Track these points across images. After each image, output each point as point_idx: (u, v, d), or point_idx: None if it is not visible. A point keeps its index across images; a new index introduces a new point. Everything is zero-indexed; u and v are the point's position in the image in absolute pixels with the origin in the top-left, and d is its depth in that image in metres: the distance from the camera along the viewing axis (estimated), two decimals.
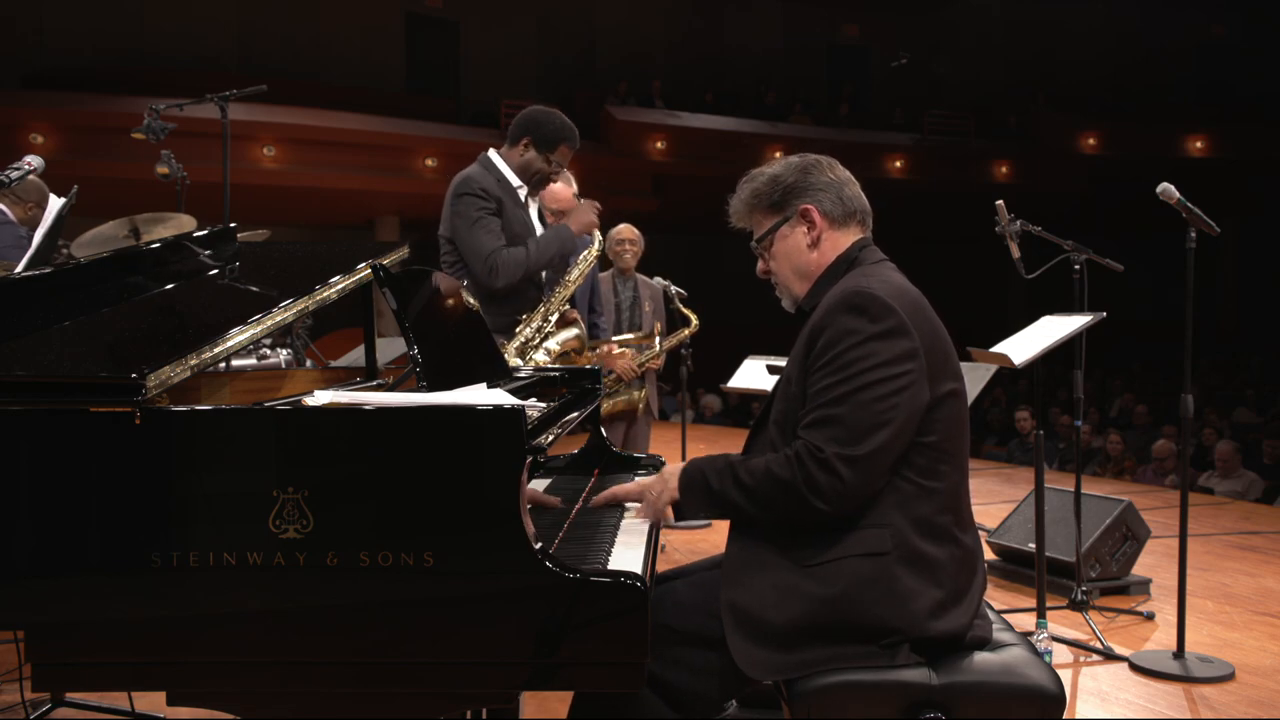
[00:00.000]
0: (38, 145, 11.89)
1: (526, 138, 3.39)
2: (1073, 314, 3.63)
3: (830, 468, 1.74)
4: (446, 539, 1.54)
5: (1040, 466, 3.65)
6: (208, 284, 2.27)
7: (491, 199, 3.31)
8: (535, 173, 3.41)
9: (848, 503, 1.76)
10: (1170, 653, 3.44)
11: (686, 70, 18.77)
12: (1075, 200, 17.75)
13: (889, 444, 1.76)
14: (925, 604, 1.76)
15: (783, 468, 1.78)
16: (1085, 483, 4.29)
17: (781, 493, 1.78)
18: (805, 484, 1.75)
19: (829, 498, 1.74)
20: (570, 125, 3.44)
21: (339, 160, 13.95)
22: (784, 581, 1.78)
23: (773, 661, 1.76)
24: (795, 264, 2.00)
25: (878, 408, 1.75)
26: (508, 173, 3.42)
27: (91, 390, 1.61)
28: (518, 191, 3.42)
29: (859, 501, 1.77)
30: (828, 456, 1.74)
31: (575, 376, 2.75)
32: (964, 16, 20.63)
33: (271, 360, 3.81)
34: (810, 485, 1.75)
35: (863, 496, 1.77)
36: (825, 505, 1.75)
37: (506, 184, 3.40)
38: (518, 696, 1.80)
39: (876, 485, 1.78)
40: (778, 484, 1.78)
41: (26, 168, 3.08)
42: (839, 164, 2.06)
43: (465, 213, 3.29)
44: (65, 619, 1.58)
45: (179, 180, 4.57)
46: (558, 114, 3.46)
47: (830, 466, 1.74)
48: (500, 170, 3.42)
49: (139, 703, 2.78)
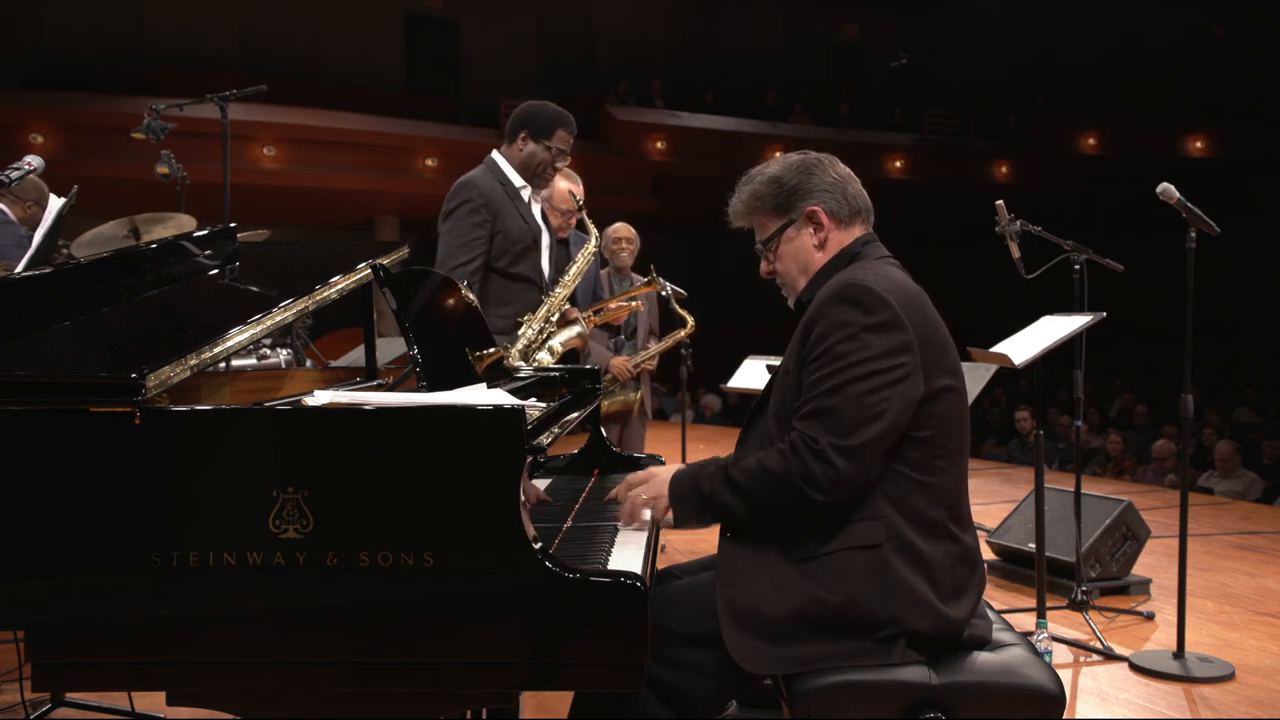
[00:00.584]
0: (38, 145, 11.90)
1: (523, 131, 3.41)
2: (1073, 314, 3.63)
3: (825, 458, 1.75)
4: (446, 539, 1.54)
5: (1040, 466, 3.65)
6: (208, 284, 2.27)
7: (485, 207, 3.32)
8: (538, 164, 3.42)
9: (843, 493, 1.77)
10: (1170, 653, 3.44)
11: (686, 70, 18.77)
12: (1075, 200, 17.74)
13: (882, 435, 1.76)
14: (919, 597, 1.76)
15: (776, 462, 1.79)
16: (1085, 483, 4.29)
17: (777, 487, 1.78)
18: (801, 476, 1.76)
19: (825, 488, 1.75)
20: (564, 111, 3.46)
21: (339, 160, 13.95)
22: (779, 576, 1.79)
23: (769, 655, 1.76)
24: (802, 265, 2.01)
25: (870, 400, 1.76)
26: (510, 173, 3.43)
27: (91, 390, 1.61)
28: (520, 192, 3.43)
29: (854, 492, 1.78)
30: (823, 447, 1.75)
31: (575, 377, 2.75)
32: (964, 16, 20.63)
33: (271, 360, 3.80)
34: (806, 477, 1.75)
35: (858, 487, 1.78)
36: (822, 496, 1.75)
37: (510, 185, 3.41)
38: (518, 696, 1.81)
39: (871, 475, 1.79)
40: (772, 479, 1.79)
41: (26, 168, 3.08)
42: (839, 161, 2.05)
43: (452, 221, 3.33)
44: (65, 619, 1.58)
45: (179, 180, 4.57)
46: (550, 104, 3.48)
47: (825, 457, 1.75)
48: (504, 171, 3.43)
49: (139, 703, 2.78)
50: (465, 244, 3.30)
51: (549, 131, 3.39)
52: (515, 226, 3.37)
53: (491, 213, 3.34)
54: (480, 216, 3.32)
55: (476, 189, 3.34)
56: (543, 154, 3.40)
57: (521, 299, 3.38)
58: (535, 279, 3.46)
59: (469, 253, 3.29)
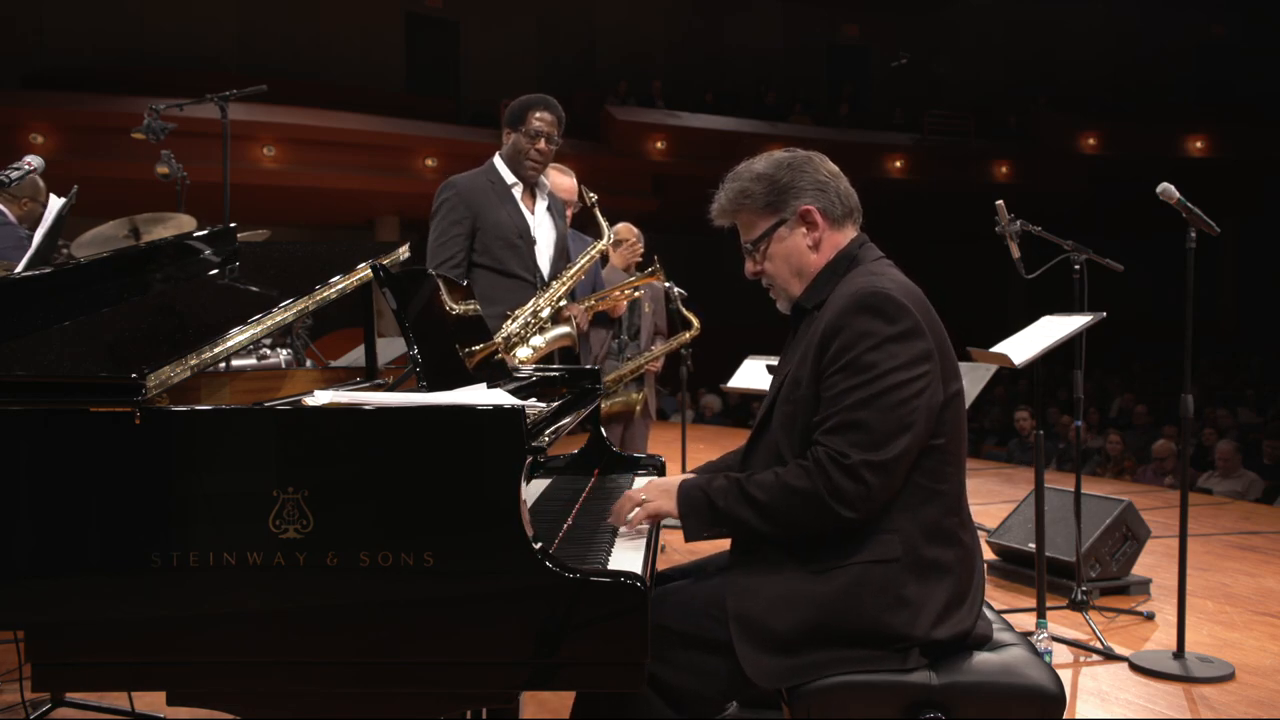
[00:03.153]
0: (38, 145, 11.89)
1: (505, 128, 3.49)
2: (1073, 314, 3.63)
3: (856, 474, 1.70)
4: (446, 539, 1.54)
5: (1040, 466, 3.64)
6: (208, 284, 2.26)
7: (463, 205, 3.38)
8: (522, 154, 3.46)
9: (873, 508, 1.74)
10: (1170, 653, 3.44)
11: (686, 70, 18.76)
12: (1075, 200, 17.74)
13: (910, 447, 1.74)
14: (933, 609, 1.75)
15: (800, 478, 1.74)
16: (1085, 483, 4.29)
17: (801, 503, 1.74)
18: (829, 492, 1.71)
19: (855, 504, 1.71)
20: (540, 96, 3.50)
21: (339, 160, 13.95)
22: (792, 588, 1.76)
23: (782, 668, 1.74)
24: (795, 266, 1.94)
25: (900, 411, 1.72)
26: (504, 171, 3.50)
27: (91, 390, 1.61)
28: (511, 189, 3.48)
29: (880, 507, 1.75)
30: (854, 463, 1.71)
31: (575, 376, 2.75)
32: (964, 16, 20.63)
33: (271, 360, 3.80)
34: (835, 493, 1.71)
35: (884, 501, 1.75)
36: (851, 513, 1.72)
37: (500, 183, 3.47)
38: (518, 696, 1.81)
39: (896, 489, 1.76)
40: (796, 494, 1.74)
41: (26, 168, 3.08)
42: (827, 159, 2.00)
43: (434, 221, 3.43)
44: (65, 619, 1.58)
45: (179, 180, 4.57)
46: (527, 95, 3.53)
47: (856, 473, 1.70)
48: (497, 170, 3.50)
49: (139, 703, 2.78)
50: (444, 243, 3.37)
51: (522, 117, 3.44)
52: (499, 222, 3.40)
53: (470, 210, 3.39)
54: (457, 214, 3.38)
55: (454, 188, 3.42)
56: (523, 141, 3.45)
57: (513, 297, 3.38)
58: (527, 276, 3.45)
59: (447, 251, 3.36)
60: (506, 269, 3.42)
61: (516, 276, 3.43)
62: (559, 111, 3.48)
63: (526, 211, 3.50)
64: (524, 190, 3.51)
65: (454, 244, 3.36)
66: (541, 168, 3.52)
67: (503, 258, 3.41)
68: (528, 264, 3.47)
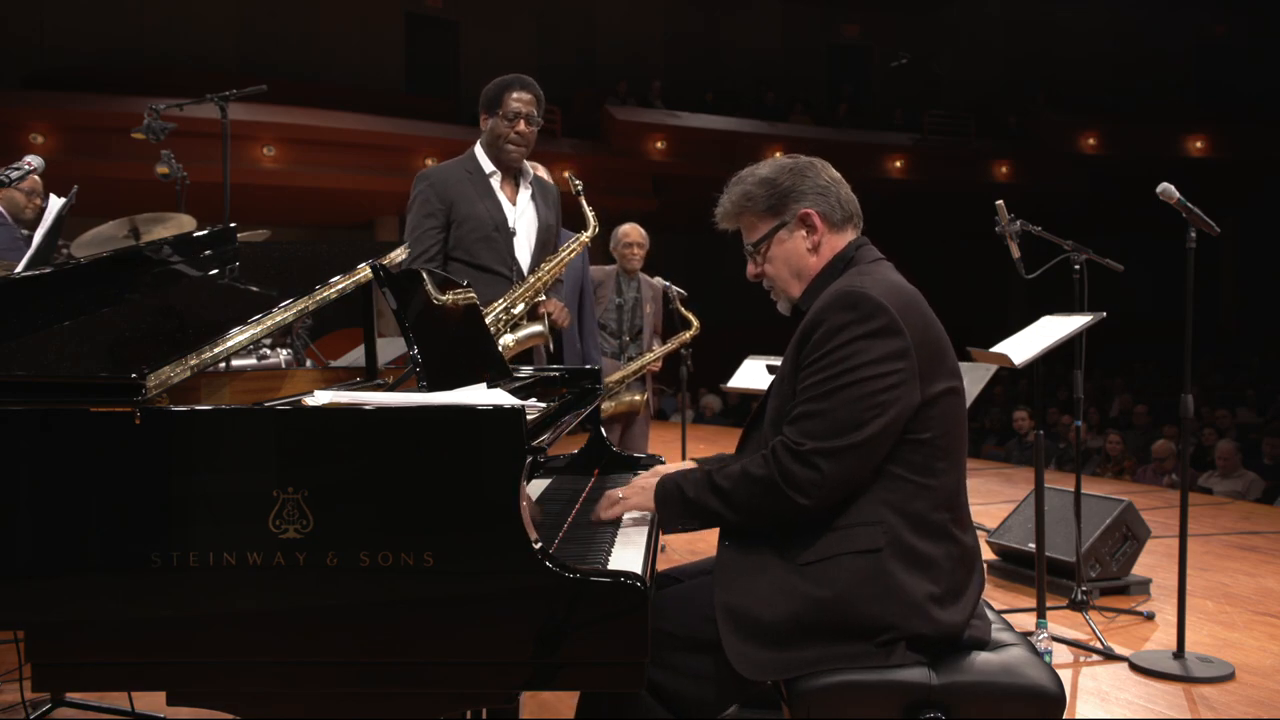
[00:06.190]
0: (38, 145, 11.88)
1: (482, 113, 3.35)
2: (1073, 314, 3.64)
3: (808, 461, 1.75)
4: (446, 539, 1.54)
5: (1040, 466, 3.65)
6: (208, 284, 2.26)
7: (436, 197, 3.27)
8: (501, 138, 3.30)
9: (827, 496, 1.77)
10: (1170, 653, 3.44)
11: (686, 70, 18.77)
12: (1075, 200, 17.75)
13: (871, 440, 1.76)
14: (919, 600, 1.76)
15: (759, 466, 1.80)
16: (1085, 483, 4.29)
17: (761, 491, 1.79)
18: (783, 479, 1.76)
19: (807, 490, 1.75)
20: (516, 75, 3.34)
21: (339, 160, 13.95)
22: (778, 581, 1.78)
23: (769, 661, 1.75)
24: (795, 268, 1.99)
25: (861, 405, 1.75)
26: (483, 160, 3.36)
27: (91, 390, 1.61)
28: (490, 179, 3.34)
29: (839, 495, 1.78)
30: (806, 450, 1.75)
31: (575, 376, 2.74)
32: (964, 16, 20.63)
33: (271, 360, 3.80)
34: (788, 480, 1.76)
35: (843, 489, 1.78)
36: (805, 500, 1.76)
37: (478, 172, 3.34)
38: (518, 696, 1.80)
39: (858, 479, 1.78)
40: (756, 483, 1.80)
41: (26, 168, 3.08)
42: (830, 165, 2.04)
43: (409, 216, 3.33)
44: (65, 619, 1.57)
45: (179, 180, 4.58)
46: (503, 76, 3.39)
47: (808, 460, 1.75)
48: (476, 159, 3.37)
49: (139, 703, 2.78)
50: (417, 237, 3.25)
51: (498, 99, 3.29)
52: (474, 213, 3.27)
53: (444, 201, 3.26)
54: (430, 207, 3.26)
55: (427, 180, 3.30)
56: (501, 125, 3.29)
57: (487, 292, 3.18)
58: (503, 270, 3.30)
59: (421, 245, 3.24)
60: (480, 262, 3.27)
61: (491, 270, 3.28)
62: (537, 90, 3.32)
63: (506, 202, 3.35)
64: (503, 178, 3.36)
65: (428, 238, 3.24)
66: (523, 151, 3.36)
67: (476, 251, 3.27)
68: (504, 257, 3.31)
